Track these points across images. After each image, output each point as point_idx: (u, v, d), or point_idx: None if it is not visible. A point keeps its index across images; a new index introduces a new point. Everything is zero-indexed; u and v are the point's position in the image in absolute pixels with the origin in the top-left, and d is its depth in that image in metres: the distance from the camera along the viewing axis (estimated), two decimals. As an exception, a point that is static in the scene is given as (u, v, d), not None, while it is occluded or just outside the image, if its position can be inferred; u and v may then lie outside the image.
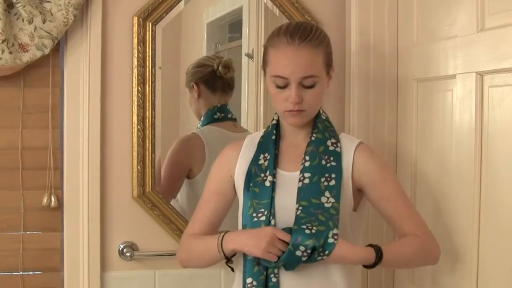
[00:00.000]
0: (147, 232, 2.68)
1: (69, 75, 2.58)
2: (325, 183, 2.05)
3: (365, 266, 2.05)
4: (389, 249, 2.06)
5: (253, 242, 2.00)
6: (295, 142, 2.18)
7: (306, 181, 2.05)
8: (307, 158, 2.09)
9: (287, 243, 1.98)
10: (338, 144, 2.13)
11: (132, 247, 2.67)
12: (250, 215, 2.08)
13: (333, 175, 2.06)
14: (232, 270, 2.14)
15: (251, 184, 2.11)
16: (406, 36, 2.57)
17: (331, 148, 2.11)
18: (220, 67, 2.79)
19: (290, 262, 1.99)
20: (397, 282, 2.60)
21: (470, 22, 2.17)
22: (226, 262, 2.10)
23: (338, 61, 2.51)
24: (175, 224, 2.70)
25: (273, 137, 2.17)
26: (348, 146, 2.15)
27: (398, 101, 2.63)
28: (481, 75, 2.12)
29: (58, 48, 2.58)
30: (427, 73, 2.42)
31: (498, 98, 2.06)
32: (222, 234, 2.09)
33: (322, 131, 2.13)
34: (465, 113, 2.19)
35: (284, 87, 2.06)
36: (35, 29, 2.42)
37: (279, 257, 1.99)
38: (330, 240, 1.96)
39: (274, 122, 2.21)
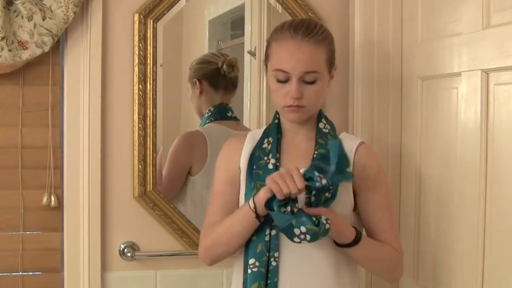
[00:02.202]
0: (148, 232, 2.67)
1: (69, 73, 2.58)
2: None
3: (337, 244, 2.07)
4: (367, 240, 2.11)
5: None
6: (295, 140, 2.19)
7: (313, 199, 2.05)
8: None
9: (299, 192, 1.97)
10: None
11: (133, 247, 2.66)
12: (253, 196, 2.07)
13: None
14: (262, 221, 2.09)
15: (254, 167, 2.11)
16: (411, 34, 2.57)
17: None
18: (224, 66, 2.78)
19: (284, 231, 1.97)
20: (401, 281, 2.59)
21: (476, 19, 2.16)
22: (258, 218, 2.06)
23: (341, 59, 2.51)
24: (177, 223, 2.69)
25: (276, 121, 2.19)
26: (349, 145, 2.14)
27: (403, 99, 2.62)
28: (486, 72, 2.12)
29: (58, 45, 2.57)
30: (432, 70, 2.42)
31: (504, 96, 2.06)
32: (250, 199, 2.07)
33: (324, 146, 2.12)
34: (470, 111, 2.18)
35: (285, 82, 2.07)
36: (34, 26, 2.42)
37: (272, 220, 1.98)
38: (327, 227, 1.96)
39: (276, 121, 2.22)
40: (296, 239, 1.95)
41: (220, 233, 2.13)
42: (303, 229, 1.93)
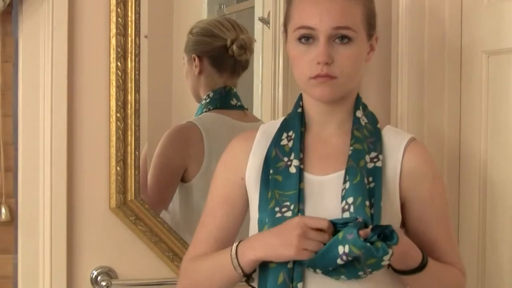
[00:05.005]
0: (129, 254, 2.45)
1: (25, 47, 2.38)
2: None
3: (394, 270, 1.90)
4: (432, 264, 1.93)
5: (280, 240, 1.83)
6: (323, 135, 1.99)
7: (351, 208, 1.88)
8: (346, 178, 1.92)
9: (326, 233, 1.81)
10: (380, 157, 1.95)
11: (109, 274, 2.43)
12: (271, 209, 1.90)
13: (372, 200, 1.92)
14: None
15: (271, 171, 1.94)
16: (474, -6, 2.43)
17: (369, 165, 1.93)
18: (234, 47, 2.61)
19: (324, 259, 1.79)
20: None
21: None
22: (247, 281, 1.91)
23: (382, 28, 2.35)
24: (166, 243, 2.46)
25: (299, 109, 2.01)
26: (395, 143, 1.97)
27: (462, 80, 2.45)
28: None
29: (10, 10, 2.38)
30: (501, 43, 2.29)
31: None
32: (236, 244, 1.92)
33: (361, 141, 1.96)
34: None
35: (309, 43, 1.90)
36: (-22, -16, 2.25)
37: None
38: (384, 262, 1.76)
39: (299, 110, 2.02)
40: (339, 260, 1.74)
41: (199, 279, 2.00)
42: (346, 248, 1.73)
